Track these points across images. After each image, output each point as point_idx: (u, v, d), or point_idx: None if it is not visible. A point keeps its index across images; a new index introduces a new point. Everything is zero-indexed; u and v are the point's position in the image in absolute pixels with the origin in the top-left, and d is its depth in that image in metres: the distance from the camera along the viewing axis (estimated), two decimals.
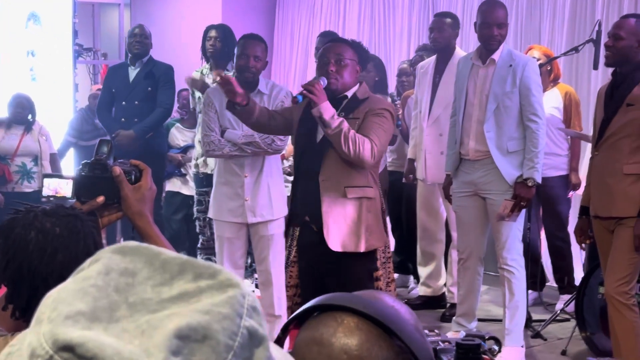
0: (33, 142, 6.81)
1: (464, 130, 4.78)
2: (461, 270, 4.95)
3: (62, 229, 1.67)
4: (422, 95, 5.71)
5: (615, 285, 4.09)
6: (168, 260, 0.76)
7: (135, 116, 6.53)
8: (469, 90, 4.77)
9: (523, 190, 4.62)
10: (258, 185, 4.70)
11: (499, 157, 4.66)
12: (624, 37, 4.12)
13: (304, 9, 9.46)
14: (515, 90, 4.64)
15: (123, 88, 6.60)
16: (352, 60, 3.90)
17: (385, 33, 8.76)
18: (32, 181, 6.79)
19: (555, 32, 7.34)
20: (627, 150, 4.12)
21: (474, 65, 4.78)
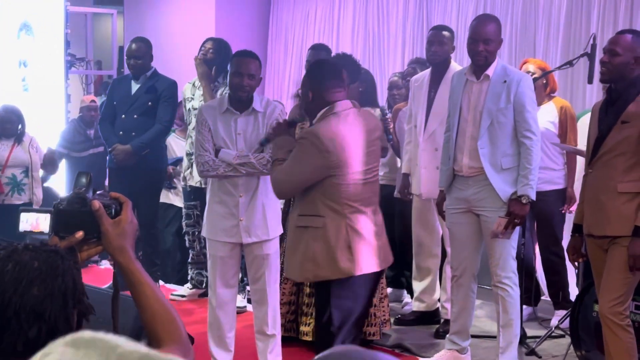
0: (23, 153, 6.75)
1: (458, 147, 4.74)
2: (455, 287, 4.90)
3: (40, 263, 1.62)
4: (417, 109, 5.66)
5: (609, 306, 4.04)
6: (125, 354, 0.71)
7: (133, 130, 6.47)
8: (463, 106, 4.73)
9: (517, 208, 4.57)
10: (253, 205, 4.62)
11: (493, 173, 4.61)
12: (620, 53, 4.07)
13: (298, 20, 9.43)
14: (510, 107, 4.59)
15: (124, 101, 6.54)
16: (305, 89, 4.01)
17: (379, 45, 8.74)
18: (23, 193, 6.73)
19: (549, 45, 7.32)
20: (622, 168, 4.07)
21: (468, 80, 4.73)
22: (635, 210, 4.02)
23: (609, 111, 4.17)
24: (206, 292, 6.54)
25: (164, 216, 7.41)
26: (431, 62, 5.65)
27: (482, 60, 4.63)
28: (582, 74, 6.54)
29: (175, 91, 6.59)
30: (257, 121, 4.58)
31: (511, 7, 7.65)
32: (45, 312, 1.60)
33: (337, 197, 3.84)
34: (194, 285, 6.57)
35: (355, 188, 3.88)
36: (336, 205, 3.85)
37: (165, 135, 6.77)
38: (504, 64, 4.82)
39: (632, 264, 3.99)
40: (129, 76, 6.69)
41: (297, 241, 3.91)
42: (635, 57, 4.07)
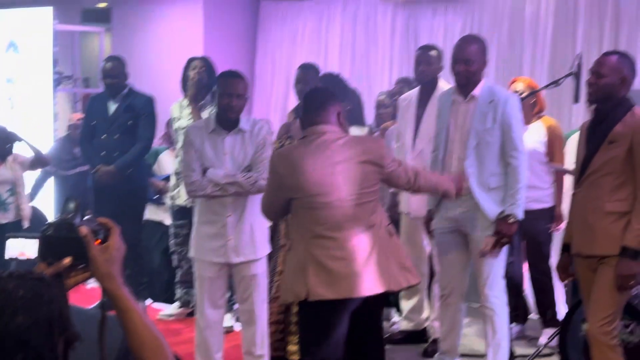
0: (7, 170, 6.71)
1: (445, 167, 4.75)
2: (443, 306, 4.90)
3: (25, 291, 1.61)
4: (404, 128, 5.67)
5: (598, 325, 4.05)
6: None
7: (116, 150, 6.45)
8: (450, 126, 4.74)
9: (504, 227, 4.59)
10: (241, 225, 4.62)
11: (481, 193, 4.62)
12: (606, 74, 4.09)
13: (286, 38, 9.45)
14: (496, 126, 4.60)
15: (103, 121, 6.51)
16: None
17: (366, 63, 8.76)
18: (7, 212, 6.68)
19: (536, 64, 7.37)
20: (609, 188, 4.09)
21: (454, 101, 4.75)
22: (623, 230, 4.03)
23: (596, 131, 4.19)
24: (194, 312, 6.53)
25: (152, 234, 7.37)
26: (419, 81, 5.67)
27: (463, 80, 4.64)
28: (569, 94, 6.56)
29: (153, 107, 6.56)
30: (244, 140, 4.60)
31: (498, 26, 7.70)
32: (31, 340, 1.59)
33: (301, 220, 3.90)
34: (181, 305, 6.54)
35: (318, 213, 3.84)
36: (300, 228, 3.90)
37: (147, 152, 6.75)
38: (490, 84, 4.83)
39: (619, 283, 4.00)
40: (104, 95, 6.66)
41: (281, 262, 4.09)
42: (621, 77, 4.09)
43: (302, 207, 3.88)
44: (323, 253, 3.83)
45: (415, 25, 8.36)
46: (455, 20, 8.05)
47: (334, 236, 3.84)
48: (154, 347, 1.84)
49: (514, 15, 7.61)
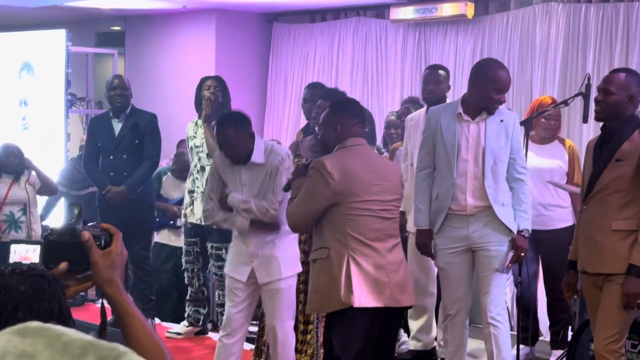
0: (20, 190, 6.78)
1: (458, 187, 4.68)
2: (449, 326, 4.86)
3: (26, 288, 1.62)
4: (412, 147, 5.67)
5: (604, 344, 4.02)
6: (70, 342, 0.73)
7: (125, 170, 6.49)
8: (461, 146, 4.70)
9: (522, 241, 4.65)
10: (265, 248, 4.76)
11: (500, 209, 4.64)
12: (613, 92, 4.09)
13: (297, 58, 9.51)
14: (509, 145, 4.65)
15: (109, 142, 6.55)
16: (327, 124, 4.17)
17: (377, 84, 8.79)
18: (20, 231, 6.75)
19: (546, 84, 7.37)
20: (616, 206, 4.08)
21: (462, 120, 4.71)
22: (629, 248, 4.02)
23: (603, 149, 4.19)
24: (203, 330, 6.55)
25: (159, 254, 7.40)
26: (427, 101, 5.67)
27: (494, 110, 4.66)
28: (578, 114, 6.57)
29: (157, 124, 6.63)
30: (260, 172, 4.73)
31: (508, 47, 7.72)
32: None
33: (342, 227, 4.00)
34: (190, 323, 6.54)
35: (362, 220, 4.02)
36: (341, 236, 3.99)
37: (155, 169, 6.79)
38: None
39: (626, 302, 3.98)
40: (107, 115, 6.69)
41: (311, 275, 4.08)
42: (629, 95, 4.09)
43: (345, 214, 3.99)
44: (367, 261, 3.99)
45: (426, 47, 8.39)
46: (465, 42, 8.07)
47: (376, 245, 4.02)
48: (155, 354, 1.84)
49: (524, 37, 7.63)
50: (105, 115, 6.75)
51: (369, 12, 8.95)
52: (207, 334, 6.57)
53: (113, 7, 9.65)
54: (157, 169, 6.89)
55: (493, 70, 4.69)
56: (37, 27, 9.92)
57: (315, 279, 4.01)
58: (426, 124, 4.91)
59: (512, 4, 7.84)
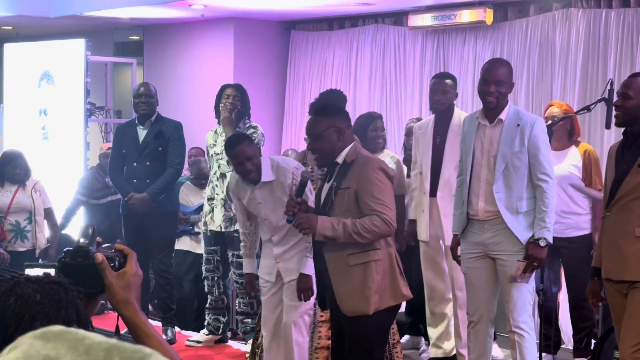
0: (26, 198, 6.75)
1: (472, 191, 4.71)
2: (472, 333, 4.83)
3: (42, 297, 1.60)
4: (421, 156, 5.66)
5: (631, 351, 3.97)
6: (93, 345, 0.71)
7: (147, 177, 6.49)
8: (476, 150, 4.71)
9: (536, 251, 4.54)
10: (287, 250, 4.90)
11: (510, 217, 4.59)
12: (632, 96, 4.06)
13: (315, 69, 9.50)
14: (524, 150, 4.58)
15: (133, 149, 6.56)
16: (326, 130, 4.06)
17: (396, 92, 8.77)
18: (26, 240, 6.72)
19: (567, 90, 7.33)
20: (639, 212, 4.03)
21: (480, 124, 4.72)
22: None
23: (625, 154, 4.15)
24: (223, 339, 6.53)
25: (182, 262, 7.40)
26: (434, 110, 5.67)
27: (494, 102, 4.62)
28: (600, 120, 6.53)
29: (182, 132, 6.63)
30: (273, 189, 4.85)
31: (528, 54, 7.68)
32: None
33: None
34: (210, 331, 6.53)
35: None
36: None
37: (178, 177, 6.79)
38: (517, 107, 4.82)
39: None
40: (133, 122, 6.71)
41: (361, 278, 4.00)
42: None
43: None
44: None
45: (445, 54, 8.36)
46: (485, 48, 8.04)
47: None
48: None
49: (544, 42, 7.59)
50: (131, 123, 6.77)
51: (387, 20, 8.93)
52: (227, 342, 6.56)
53: (132, 17, 9.69)
54: (179, 176, 6.89)
55: (482, 66, 4.81)
56: (57, 36, 9.97)
57: (375, 279, 3.99)
58: (462, 131, 4.93)
59: (531, 10, 7.80)
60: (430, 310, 5.84)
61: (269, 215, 4.84)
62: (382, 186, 3.97)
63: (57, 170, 8.83)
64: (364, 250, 4.00)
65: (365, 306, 3.99)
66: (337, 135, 4.05)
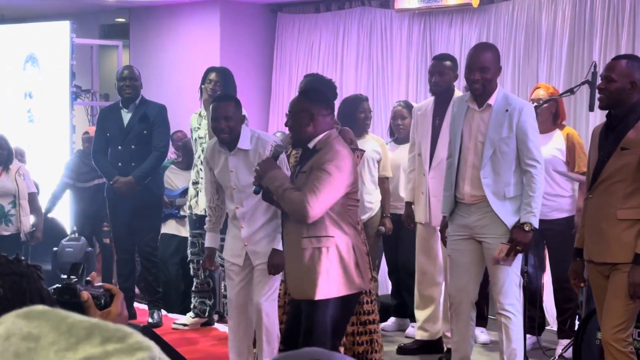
0: (10, 182, 6.74)
1: (460, 174, 4.72)
2: (454, 315, 4.85)
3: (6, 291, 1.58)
4: (420, 137, 5.66)
5: (612, 332, 4.01)
6: (75, 324, 0.72)
7: (133, 160, 6.48)
8: (465, 133, 4.71)
9: (520, 235, 4.55)
10: (256, 231, 4.84)
11: (496, 202, 4.60)
12: (615, 79, 4.07)
13: (302, 50, 9.48)
14: (512, 136, 4.57)
15: (118, 133, 6.53)
16: (301, 111, 4.08)
17: (382, 75, 8.77)
18: (10, 224, 6.72)
19: (552, 73, 7.34)
20: (621, 195, 4.05)
21: (469, 108, 4.71)
22: (635, 238, 4.00)
23: (608, 137, 4.16)
24: (209, 321, 6.55)
25: (168, 246, 7.41)
26: (433, 92, 5.66)
27: (480, 89, 4.61)
28: (585, 102, 6.54)
29: (166, 115, 6.61)
30: (248, 158, 4.77)
31: (514, 37, 7.68)
32: None
33: (344, 217, 4.07)
34: (196, 314, 6.55)
35: (353, 209, 4.16)
36: (344, 224, 4.07)
37: (163, 160, 6.78)
38: (506, 92, 4.80)
39: (632, 292, 3.96)
40: (117, 105, 6.68)
41: (310, 262, 4.03)
42: (631, 82, 4.06)
43: (347, 204, 4.08)
44: (362, 247, 4.23)
45: (431, 37, 8.36)
46: (471, 31, 8.04)
47: (358, 232, 4.26)
48: None
49: (530, 25, 7.59)
50: (115, 106, 6.75)
51: (373, 2, 8.92)
52: (213, 325, 6.58)
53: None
54: (165, 160, 6.87)
55: (468, 53, 4.80)
56: (41, 19, 9.92)
57: (323, 265, 4.01)
58: (451, 114, 4.93)
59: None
60: (419, 293, 5.86)
61: (237, 184, 4.78)
62: (327, 177, 3.95)
63: (43, 153, 8.81)
64: (317, 235, 4.03)
65: (311, 291, 4.02)
66: (308, 120, 4.05)
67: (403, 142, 6.31)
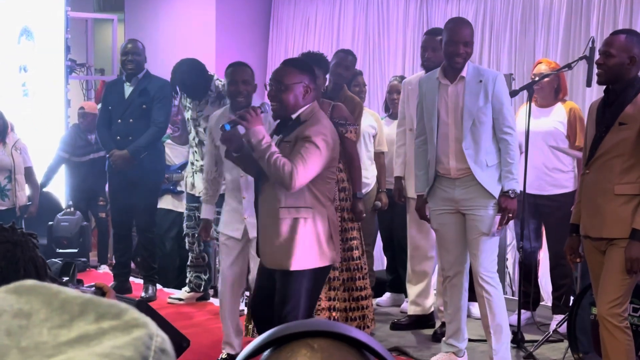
0: (6, 156, 6.72)
1: (441, 150, 4.74)
2: (448, 288, 4.88)
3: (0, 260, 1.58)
4: (410, 112, 5.65)
5: (607, 307, 4.01)
6: (68, 299, 0.70)
7: (130, 134, 6.45)
8: (441, 110, 4.74)
9: (507, 202, 4.64)
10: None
11: (480, 172, 4.65)
12: (614, 54, 4.04)
13: (298, 25, 9.43)
14: (489, 105, 4.64)
15: (119, 105, 6.51)
16: (295, 84, 4.00)
17: (379, 49, 8.73)
18: (6, 199, 6.71)
19: (549, 48, 7.31)
20: (619, 170, 4.04)
21: (440, 84, 4.75)
22: (632, 213, 3.99)
23: (606, 112, 4.14)
24: (204, 296, 6.55)
25: (164, 221, 7.39)
26: (426, 68, 5.63)
27: (462, 63, 4.66)
28: (582, 78, 6.52)
29: (168, 92, 6.53)
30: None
31: (511, 11, 7.64)
32: None
33: (322, 190, 4.06)
34: (192, 289, 6.55)
35: (331, 183, 4.18)
36: (322, 197, 4.06)
37: (161, 136, 6.75)
38: (475, 64, 4.88)
39: (629, 267, 3.96)
40: (121, 79, 6.67)
41: (287, 232, 4.00)
42: (630, 57, 4.04)
43: (326, 177, 4.08)
44: (336, 221, 4.22)
45: (428, 12, 8.31)
46: (467, 7, 7.99)
47: (333, 206, 4.25)
48: None
49: (526, 1, 7.55)
50: (119, 80, 6.76)
51: None
52: (209, 299, 6.58)
53: None
54: (162, 135, 6.84)
55: (446, 25, 4.80)
56: None
57: (300, 236, 3.99)
58: (418, 93, 4.93)
59: None
60: (411, 268, 5.87)
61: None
62: (314, 149, 3.92)
63: (37, 127, 8.78)
64: (296, 206, 4.00)
65: (286, 261, 4.00)
66: (305, 93, 4.02)
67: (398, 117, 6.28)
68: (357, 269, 5.34)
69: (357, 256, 5.35)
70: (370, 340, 0.94)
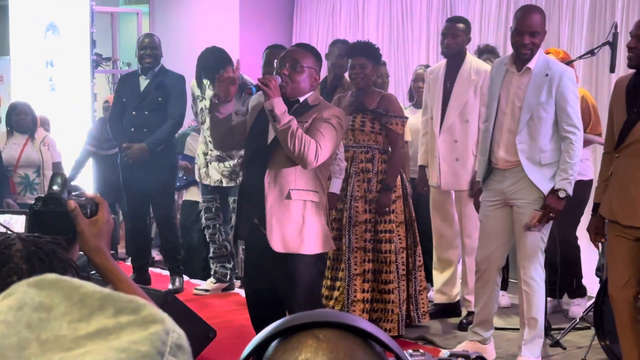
0: (35, 152, 6.80)
1: (494, 139, 4.63)
2: (479, 281, 4.83)
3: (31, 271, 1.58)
4: (432, 100, 5.64)
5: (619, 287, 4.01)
6: (88, 294, 0.72)
7: (145, 126, 6.47)
8: (502, 97, 4.60)
9: (553, 201, 4.48)
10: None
11: (531, 168, 4.51)
12: None
13: (322, 14, 9.43)
14: (551, 101, 4.46)
15: (134, 98, 6.53)
16: (309, 68, 3.99)
17: (403, 38, 8.71)
18: (35, 192, 6.78)
19: (574, 34, 7.26)
20: None
21: (507, 71, 4.59)
22: None
23: (638, 97, 4.09)
24: (230, 286, 6.59)
25: (190, 212, 7.43)
26: (445, 54, 5.61)
27: (528, 54, 4.47)
28: (606, 64, 6.46)
29: (184, 85, 6.59)
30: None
31: None
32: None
33: (324, 175, 4.10)
34: (217, 279, 6.58)
35: (328, 169, 4.21)
36: (323, 182, 4.08)
37: (178, 129, 6.77)
38: (547, 56, 4.68)
39: None
40: (136, 72, 6.69)
41: (298, 215, 3.96)
42: None
43: (328, 164, 4.10)
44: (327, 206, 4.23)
45: (452, 1, 8.28)
46: None
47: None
48: None
49: None
50: (134, 73, 6.77)
51: None
52: (234, 289, 6.60)
53: None
54: (179, 128, 6.87)
55: (516, 14, 4.62)
56: None
57: (309, 220, 3.96)
58: (490, 77, 4.84)
59: None
60: (437, 256, 5.86)
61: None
62: (332, 131, 3.93)
63: (64, 121, 8.86)
64: (305, 189, 3.96)
65: (299, 245, 3.94)
66: (314, 79, 4.02)
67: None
68: (384, 262, 5.33)
69: (385, 249, 5.32)
70: (377, 330, 0.96)
